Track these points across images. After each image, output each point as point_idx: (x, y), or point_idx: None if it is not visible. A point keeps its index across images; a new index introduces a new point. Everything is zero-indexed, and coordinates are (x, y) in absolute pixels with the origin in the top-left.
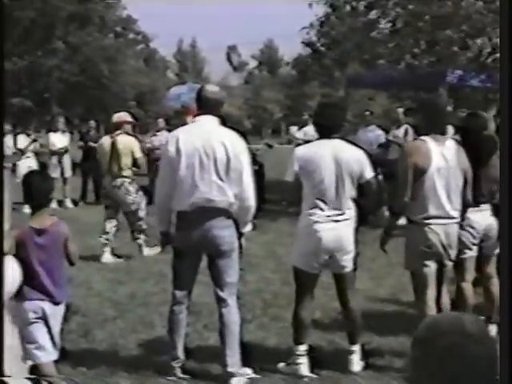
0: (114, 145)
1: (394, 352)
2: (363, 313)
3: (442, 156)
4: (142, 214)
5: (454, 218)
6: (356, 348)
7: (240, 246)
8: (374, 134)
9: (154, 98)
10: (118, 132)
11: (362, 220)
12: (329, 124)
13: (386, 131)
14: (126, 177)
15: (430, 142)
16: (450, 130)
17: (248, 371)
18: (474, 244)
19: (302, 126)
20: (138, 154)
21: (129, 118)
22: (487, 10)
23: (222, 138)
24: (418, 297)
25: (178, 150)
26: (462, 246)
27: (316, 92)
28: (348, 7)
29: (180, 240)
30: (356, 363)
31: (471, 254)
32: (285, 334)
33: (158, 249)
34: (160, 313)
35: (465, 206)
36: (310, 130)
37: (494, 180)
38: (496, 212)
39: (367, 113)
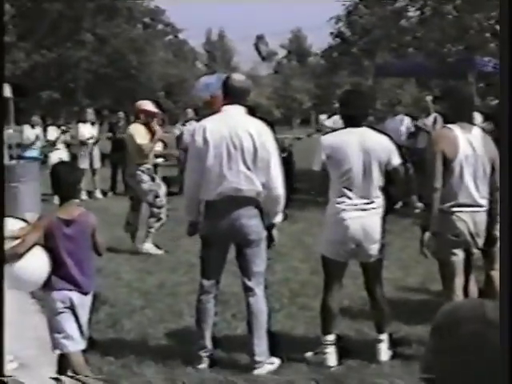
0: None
1: (421, 341)
2: (392, 302)
3: (469, 144)
4: (159, 201)
5: (481, 206)
6: (384, 337)
7: (271, 238)
8: (403, 123)
9: (182, 89)
10: (134, 121)
11: (391, 209)
12: (355, 112)
13: (415, 120)
14: (139, 164)
15: (456, 130)
16: (478, 117)
17: (275, 360)
18: None
19: (331, 114)
20: (139, 141)
21: (146, 107)
22: None
23: (248, 128)
24: (445, 285)
25: (205, 140)
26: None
27: (345, 81)
28: None
29: (208, 229)
30: (384, 352)
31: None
32: (312, 324)
33: (159, 251)
34: (188, 302)
35: (494, 195)
36: (339, 118)
37: None
38: None
39: (395, 101)
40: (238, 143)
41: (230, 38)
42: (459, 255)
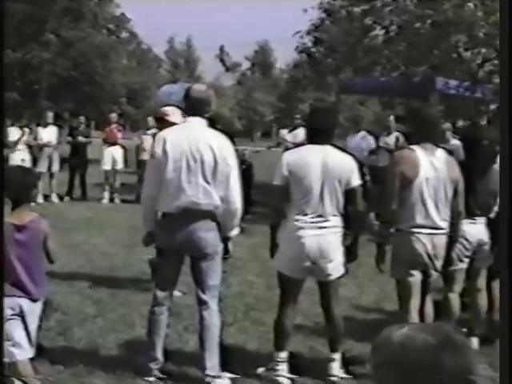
0: None
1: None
2: (346, 320)
3: (431, 165)
4: None
5: (441, 228)
6: (337, 356)
7: (227, 251)
8: (365, 141)
9: (145, 96)
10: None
11: (348, 226)
12: (321, 129)
13: (377, 138)
14: None
15: (418, 151)
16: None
17: (227, 375)
18: (466, 256)
19: (292, 129)
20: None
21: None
22: (485, 22)
23: (209, 141)
24: (401, 306)
25: (164, 152)
26: (455, 258)
27: (308, 96)
28: (343, 12)
29: (164, 241)
30: (336, 371)
31: (462, 265)
32: (265, 339)
33: None
34: (141, 313)
35: (455, 218)
36: (300, 133)
37: (490, 193)
38: (490, 225)
39: (358, 118)
40: (199, 157)
41: (195, 47)
42: (416, 276)
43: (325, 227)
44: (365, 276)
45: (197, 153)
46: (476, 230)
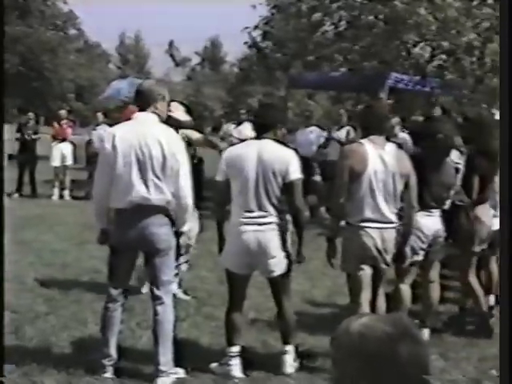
0: None
1: (327, 353)
2: (298, 313)
3: (380, 159)
4: None
5: (391, 222)
6: (289, 349)
7: (179, 246)
8: (315, 135)
9: (94, 92)
10: None
11: (295, 221)
12: (261, 123)
13: (329, 132)
14: None
15: (367, 144)
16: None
17: (179, 371)
18: (421, 249)
19: (238, 123)
20: None
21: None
22: (433, 18)
23: (158, 136)
24: (352, 299)
25: (114, 148)
26: (411, 250)
27: (257, 90)
28: (293, 8)
29: (117, 237)
30: (289, 364)
31: (417, 258)
32: (217, 334)
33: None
34: (93, 310)
35: (408, 211)
36: (245, 128)
37: (445, 185)
38: (448, 217)
39: (307, 113)
40: (147, 152)
41: (144, 42)
42: (366, 270)
43: (264, 223)
44: (316, 270)
45: (145, 148)
46: (432, 223)
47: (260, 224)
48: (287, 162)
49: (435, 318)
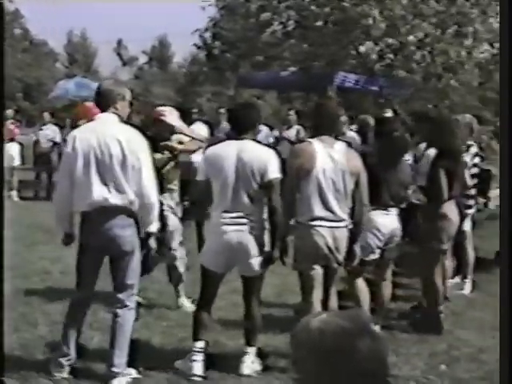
0: None
1: (278, 352)
2: None
3: (329, 157)
4: None
5: (342, 220)
6: (251, 350)
7: (148, 247)
8: (264, 134)
9: (41, 91)
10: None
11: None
12: (239, 124)
13: (280, 131)
14: None
15: (316, 143)
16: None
17: (132, 372)
18: (378, 247)
19: (190, 123)
20: None
21: (168, 118)
22: (381, 17)
23: (117, 136)
24: (304, 298)
25: (74, 150)
26: (368, 249)
27: (206, 90)
28: (241, 8)
29: (83, 241)
30: (246, 366)
31: (374, 256)
32: (169, 334)
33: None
34: (43, 311)
35: (359, 210)
36: (197, 128)
37: (402, 184)
38: (404, 216)
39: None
40: (107, 152)
41: (91, 41)
42: (318, 269)
43: (244, 223)
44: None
45: (105, 147)
46: (389, 221)
47: (240, 224)
48: (266, 161)
49: (386, 315)
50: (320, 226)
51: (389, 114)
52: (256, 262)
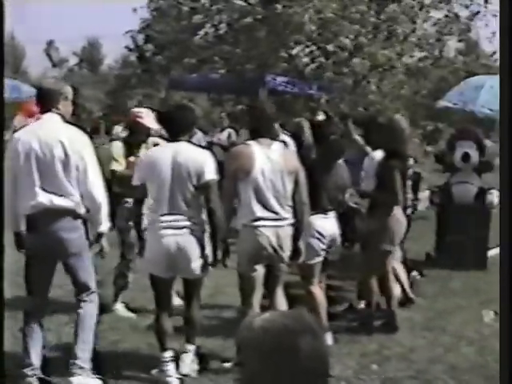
0: None
1: (212, 354)
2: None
3: (267, 158)
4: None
5: (284, 219)
6: (191, 348)
7: (101, 248)
8: (197, 138)
9: None
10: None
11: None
12: (173, 126)
13: (206, 134)
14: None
15: (254, 145)
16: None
17: (97, 380)
18: (322, 249)
19: (126, 125)
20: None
21: (144, 120)
22: (312, 19)
23: (59, 136)
24: (244, 300)
25: (16, 152)
26: (313, 252)
27: (137, 92)
28: (173, 11)
29: (30, 245)
30: (186, 364)
31: (319, 259)
32: (101, 337)
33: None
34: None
35: (299, 208)
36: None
37: (339, 188)
38: (343, 220)
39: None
40: (49, 153)
41: (19, 41)
42: (259, 270)
43: (182, 227)
44: None
45: (46, 149)
46: (329, 225)
47: (178, 228)
48: (202, 163)
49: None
50: (263, 226)
51: (321, 117)
52: (197, 264)
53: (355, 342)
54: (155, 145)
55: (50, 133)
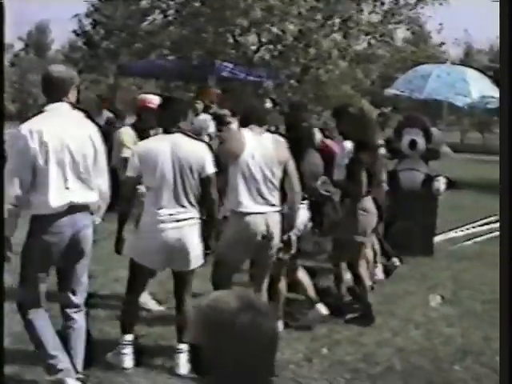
0: None
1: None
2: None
3: (258, 144)
4: None
5: (274, 205)
6: (184, 347)
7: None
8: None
9: None
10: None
11: (210, 213)
12: (168, 117)
13: None
14: None
15: (245, 131)
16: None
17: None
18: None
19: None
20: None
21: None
22: (259, 7)
23: (88, 131)
24: (219, 288)
25: (41, 144)
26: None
27: (85, 78)
28: None
29: (37, 241)
30: (182, 364)
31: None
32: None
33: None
34: None
35: (291, 197)
36: None
37: (311, 175)
38: (314, 208)
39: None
40: (78, 147)
41: None
42: (242, 260)
43: (183, 219)
44: None
45: (74, 143)
46: (302, 213)
47: (178, 220)
48: (203, 156)
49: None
50: (252, 212)
51: (268, 104)
52: (194, 256)
53: (305, 327)
54: None
55: (75, 125)
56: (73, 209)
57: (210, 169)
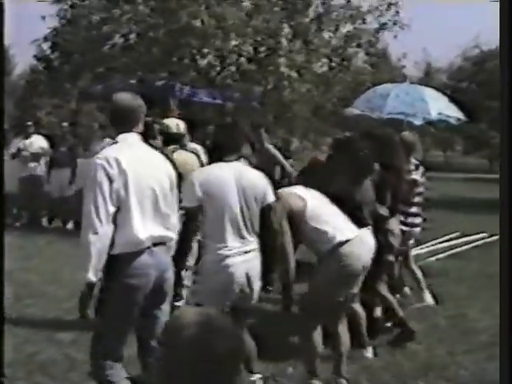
0: None
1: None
2: None
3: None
4: None
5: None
6: (256, 377)
7: None
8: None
9: None
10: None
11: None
12: (228, 146)
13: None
14: None
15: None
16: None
17: None
18: None
19: (25, 136)
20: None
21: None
22: (215, 28)
23: (163, 165)
24: None
25: (121, 173)
26: None
27: (46, 103)
28: (83, 21)
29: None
30: None
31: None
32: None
33: None
34: None
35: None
36: (35, 141)
37: (370, 201)
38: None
39: (95, 124)
40: (159, 181)
41: None
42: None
43: (249, 251)
44: None
45: (154, 177)
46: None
47: (246, 252)
48: (264, 185)
49: None
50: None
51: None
52: (256, 292)
53: None
54: None
55: (153, 159)
56: (155, 247)
57: (271, 197)
